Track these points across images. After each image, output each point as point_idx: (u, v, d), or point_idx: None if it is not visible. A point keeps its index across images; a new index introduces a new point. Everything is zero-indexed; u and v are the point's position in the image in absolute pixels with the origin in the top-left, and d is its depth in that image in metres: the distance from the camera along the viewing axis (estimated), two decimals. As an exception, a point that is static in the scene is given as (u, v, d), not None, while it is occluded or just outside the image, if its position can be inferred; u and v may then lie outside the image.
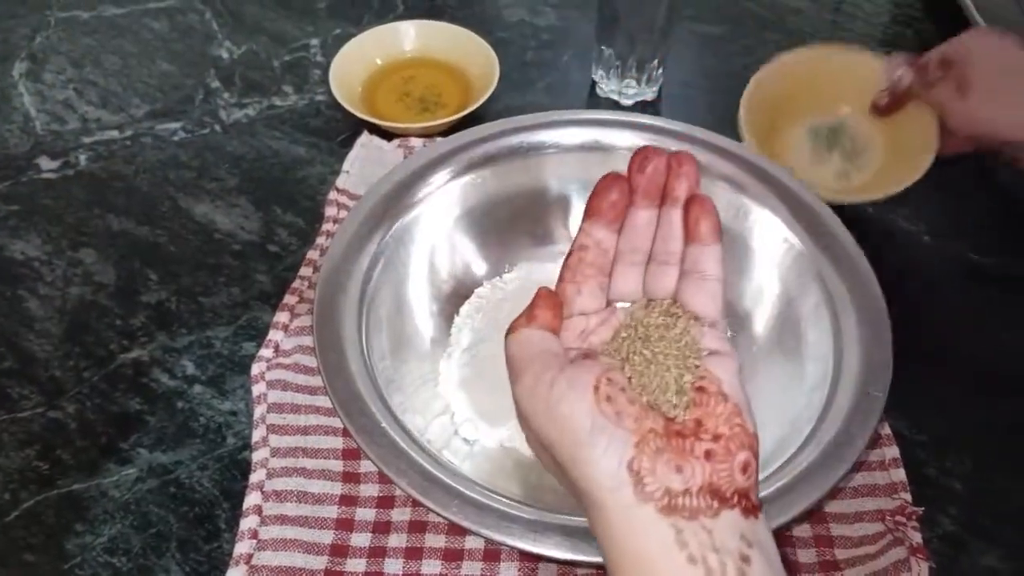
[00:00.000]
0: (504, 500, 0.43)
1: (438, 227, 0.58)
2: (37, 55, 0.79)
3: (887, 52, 0.65)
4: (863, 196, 0.62)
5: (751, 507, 0.33)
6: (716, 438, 0.34)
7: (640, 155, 0.40)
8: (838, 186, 0.65)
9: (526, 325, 0.38)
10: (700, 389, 0.35)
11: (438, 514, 0.43)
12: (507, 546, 0.42)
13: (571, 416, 0.34)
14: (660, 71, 0.74)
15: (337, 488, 0.51)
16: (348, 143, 0.70)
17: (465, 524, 0.42)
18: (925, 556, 0.47)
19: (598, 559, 0.41)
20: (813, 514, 0.50)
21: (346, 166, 0.68)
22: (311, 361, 0.56)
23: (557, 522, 0.42)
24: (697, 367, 0.36)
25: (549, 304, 0.39)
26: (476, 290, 0.59)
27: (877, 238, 0.64)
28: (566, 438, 0.34)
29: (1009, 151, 0.58)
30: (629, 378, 0.36)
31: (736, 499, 0.33)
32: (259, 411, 0.54)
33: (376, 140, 0.70)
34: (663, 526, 0.32)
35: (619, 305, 0.41)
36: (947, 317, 0.61)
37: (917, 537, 0.48)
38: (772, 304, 0.55)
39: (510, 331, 0.39)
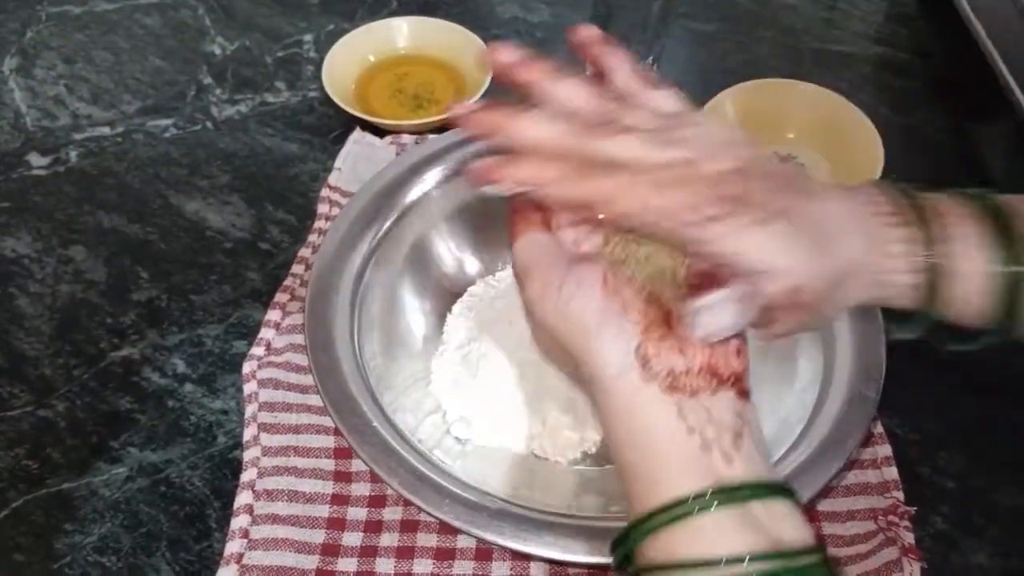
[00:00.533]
0: (495, 499, 0.43)
1: (431, 225, 0.58)
2: (28, 50, 0.78)
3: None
4: None
5: (743, 391, 0.36)
6: None
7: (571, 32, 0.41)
8: None
9: (528, 229, 0.39)
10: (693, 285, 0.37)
11: (429, 513, 0.42)
12: (497, 546, 0.42)
13: (582, 313, 0.35)
14: (654, 68, 0.74)
15: (328, 487, 0.51)
16: (340, 140, 0.70)
17: (456, 524, 0.42)
18: (917, 556, 0.47)
19: (588, 559, 0.41)
20: (805, 512, 0.50)
21: (338, 163, 0.67)
22: (303, 359, 0.56)
23: (548, 521, 0.42)
24: (687, 261, 0.38)
25: (537, 208, 0.39)
26: (469, 288, 0.59)
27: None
28: (578, 332, 0.35)
29: None
30: (629, 276, 0.37)
31: (732, 380, 0.35)
32: (250, 410, 0.54)
33: (368, 137, 0.69)
34: (666, 403, 0.34)
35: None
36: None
37: (909, 537, 0.48)
38: (765, 303, 0.55)
39: (514, 238, 0.39)
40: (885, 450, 0.52)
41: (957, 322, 0.40)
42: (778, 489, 0.34)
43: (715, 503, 0.32)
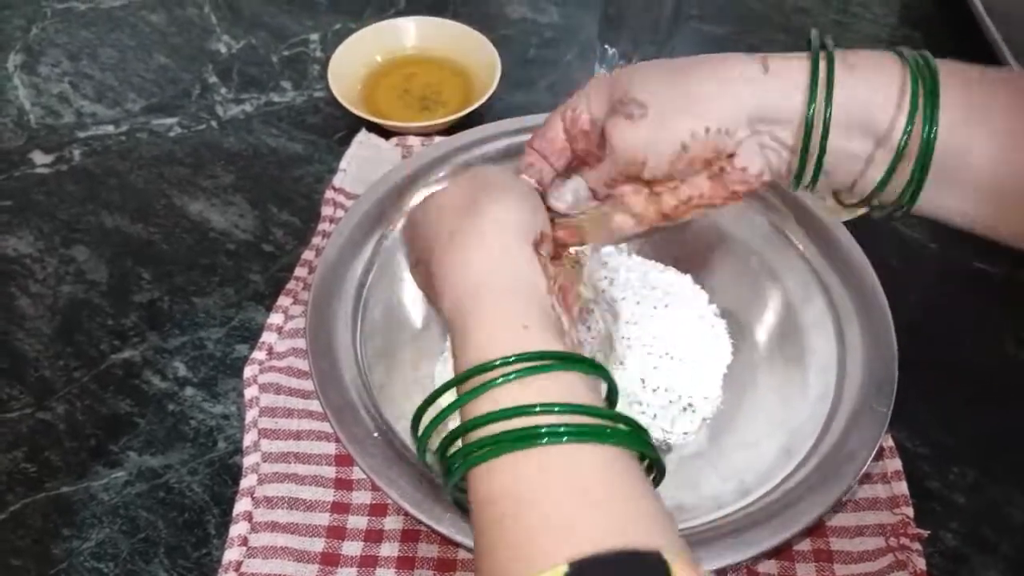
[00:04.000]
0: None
1: (435, 229, 0.57)
2: (33, 47, 0.78)
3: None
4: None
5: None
6: None
7: None
8: None
9: None
10: None
11: (429, 527, 0.42)
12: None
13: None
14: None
15: (329, 495, 0.50)
16: (346, 141, 0.69)
17: (457, 538, 0.41)
18: None
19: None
20: (813, 527, 0.49)
21: (343, 164, 0.67)
22: (304, 364, 0.55)
23: (551, 536, 0.41)
24: None
25: None
26: (473, 294, 0.58)
27: (882, 246, 0.62)
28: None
29: None
30: None
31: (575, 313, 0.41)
32: (251, 415, 0.53)
33: (374, 138, 0.68)
34: (543, 276, 0.38)
35: None
36: (951, 326, 0.60)
37: (921, 564, 0.47)
38: (775, 313, 0.54)
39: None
40: (895, 464, 0.52)
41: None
42: (613, 385, 0.36)
43: (567, 364, 0.33)
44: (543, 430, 0.30)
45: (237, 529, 0.49)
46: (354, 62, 0.73)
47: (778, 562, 0.48)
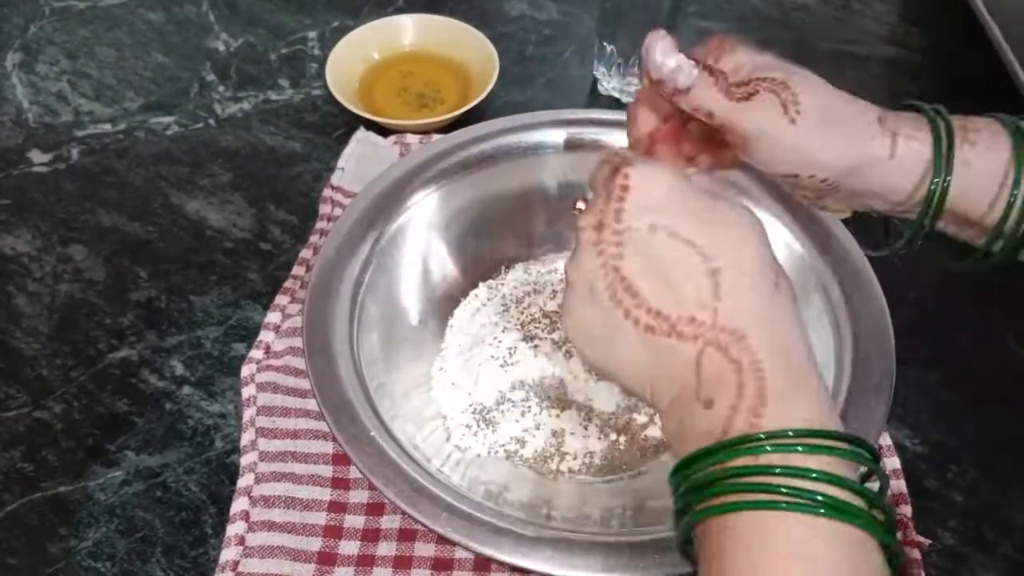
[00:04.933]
0: (494, 512, 0.43)
1: (434, 228, 0.57)
2: (31, 45, 0.78)
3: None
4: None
5: None
6: None
7: None
8: None
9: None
10: None
11: (426, 526, 0.42)
12: (496, 561, 0.41)
13: None
14: (663, 68, 0.73)
15: (326, 494, 0.50)
16: (344, 139, 0.69)
17: (454, 537, 0.41)
18: None
19: (588, 575, 0.41)
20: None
21: (341, 163, 0.67)
22: (302, 363, 0.55)
23: (548, 536, 0.41)
24: None
25: None
26: (471, 292, 0.58)
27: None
28: None
29: (792, 184, 0.44)
30: None
31: None
32: (248, 414, 0.53)
33: (372, 136, 0.68)
34: None
35: None
36: (950, 325, 0.60)
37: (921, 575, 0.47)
38: (773, 311, 0.54)
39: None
40: (893, 463, 0.51)
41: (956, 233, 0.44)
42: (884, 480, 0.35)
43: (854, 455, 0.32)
44: (840, 503, 0.30)
45: (234, 528, 0.49)
46: (352, 60, 0.73)
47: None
